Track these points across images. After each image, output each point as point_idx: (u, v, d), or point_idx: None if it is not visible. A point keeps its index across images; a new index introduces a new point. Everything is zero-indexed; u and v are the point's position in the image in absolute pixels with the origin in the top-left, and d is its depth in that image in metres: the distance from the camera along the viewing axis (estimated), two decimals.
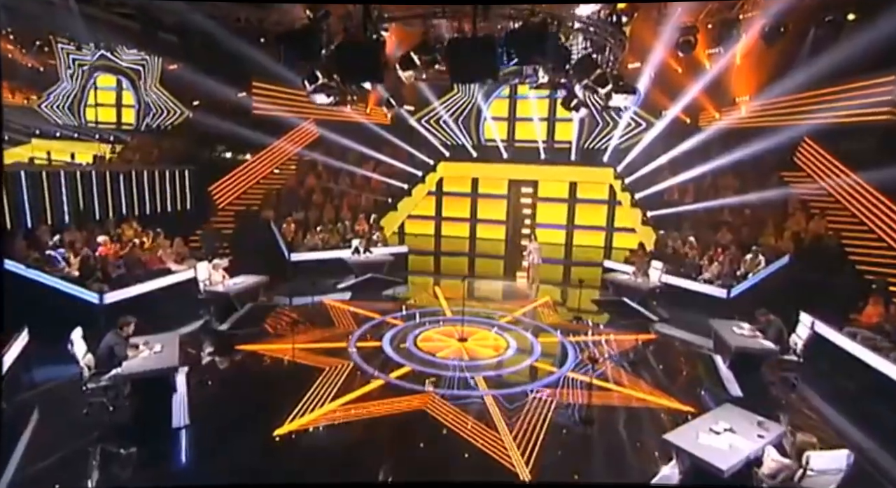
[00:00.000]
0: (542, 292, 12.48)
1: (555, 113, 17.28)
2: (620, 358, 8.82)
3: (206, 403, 6.80)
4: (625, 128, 16.08)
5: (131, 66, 19.05)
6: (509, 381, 7.84)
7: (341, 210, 14.91)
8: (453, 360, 8.39)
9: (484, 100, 17.48)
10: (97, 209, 12.41)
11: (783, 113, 13.45)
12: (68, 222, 11.39)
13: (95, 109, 19.95)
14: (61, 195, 11.79)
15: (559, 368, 8.25)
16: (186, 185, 14.92)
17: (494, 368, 8.27)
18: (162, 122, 18.84)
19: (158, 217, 13.49)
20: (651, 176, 14.54)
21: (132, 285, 9.65)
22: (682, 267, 11.62)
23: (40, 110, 20.01)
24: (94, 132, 19.12)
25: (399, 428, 6.55)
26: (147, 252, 10.65)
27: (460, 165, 16.95)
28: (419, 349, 8.78)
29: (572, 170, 16.17)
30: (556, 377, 7.95)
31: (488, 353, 8.78)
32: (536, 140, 16.73)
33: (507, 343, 9.17)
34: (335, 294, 11.83)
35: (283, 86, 16.39)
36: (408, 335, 9.33)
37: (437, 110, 17.61)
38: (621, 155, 15.59)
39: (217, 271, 9.98)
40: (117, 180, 13.09)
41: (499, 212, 16.86)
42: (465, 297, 10.04)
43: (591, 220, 16.10)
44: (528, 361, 8.54)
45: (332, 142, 16.58)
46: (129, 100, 19.45)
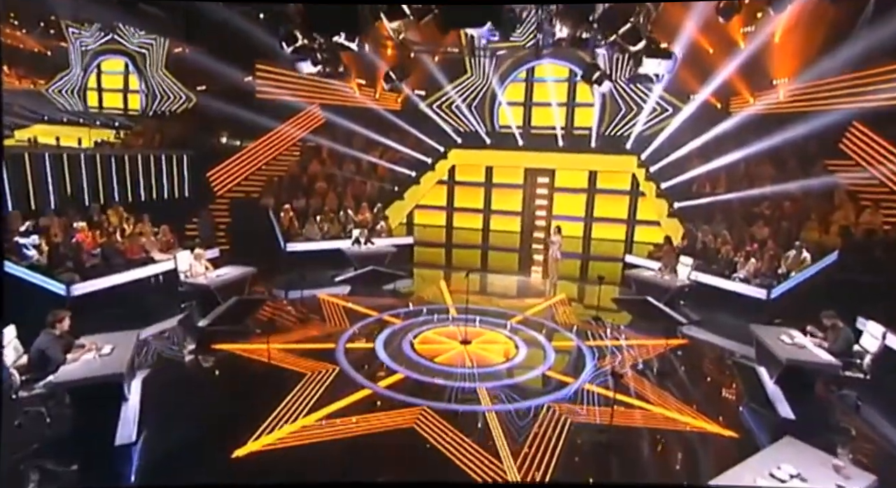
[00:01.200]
0: (562, 288, 11.20)
1: (574, 97, 15.95)
2: (645, 366, 7.55)
3: (162, 415, 5.71)
4: (650, 113, 14.65)
5: (137, 49, 18.19)
6: (516, 394, 6.63)
7: (344, 198, 13.79)
8: (460, 368, 7.21)
9: (499, 84, 16.17)
10: (86, 194, 11.51)
11: (828, 95, 11.92)
12: (54, 208, 10.51)
13: (101, 94, 19.22)
14: (46, 179, 10.90)
15: (575, 379, 7.02)
16: (184, 171, 13.99)
17: (499, 377, 7.06)
18: (167, 108, 17.97)
19: (153, 204, 12.56)
20: (678, 164, 13.13)
21: (107, 275, 8.68)
22: (715, 263, 10.25)
23: (48, 95, 19.32)
24: (98, 117, 18.37)
25: (379, 451, 5.41)
26: (129, 240, 9.64)
27: (473, 153, 15.72)
28: (416, 352, 7.63)
29: (592, 159, 14.81)
30: (571, 390, 6.72)
31: (494, 359, 7.58)
32: (554, 126, 15.39)
33: (516, 347, 7.97)
34: (334, 287, 10.73)
35: (287, 68, 15.44)
36: (405, 336, 8.18)
37: (449, 95, 16.37)
38: (646, 142, 14.19)
39: (199, 261, 8.94)
40: (109, 165, 12.17)
41: (514, 202, 15.59)
42: (469, 294, 8.85)
43: (610, 212, 14.76)
44: (539, 369, 7.31)
45: (337, 127, 15.47)
46: (135, 84, 18.64)
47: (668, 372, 7.45)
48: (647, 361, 7.72)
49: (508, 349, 7.88)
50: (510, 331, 8.51)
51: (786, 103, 12.81)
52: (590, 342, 8.30)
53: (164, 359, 7.32)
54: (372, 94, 16.91)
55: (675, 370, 7.62)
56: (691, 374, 7.57)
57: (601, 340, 8.45)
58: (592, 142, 15.10)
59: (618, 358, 7.72)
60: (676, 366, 7.74)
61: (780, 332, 6.86)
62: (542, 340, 8.27)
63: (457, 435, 5.58)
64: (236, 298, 8.94)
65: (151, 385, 6.14)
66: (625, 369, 7.17)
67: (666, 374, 7.35)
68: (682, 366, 7.77)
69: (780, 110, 12.74)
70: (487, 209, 16.04)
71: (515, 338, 8.24)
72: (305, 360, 7.24)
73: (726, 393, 7.08)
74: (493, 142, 15.85)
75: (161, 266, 9.40)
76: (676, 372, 7.58)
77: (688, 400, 6.55)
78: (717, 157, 12.55)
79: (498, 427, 5.78)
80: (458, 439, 5.52)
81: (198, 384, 6.75)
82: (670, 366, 7.73)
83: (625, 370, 7.12)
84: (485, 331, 8.49)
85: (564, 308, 10.05)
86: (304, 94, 15.63)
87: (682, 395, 6.68)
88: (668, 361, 7.86)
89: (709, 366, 7.99)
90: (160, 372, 6.62)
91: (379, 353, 7.56)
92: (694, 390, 7.03)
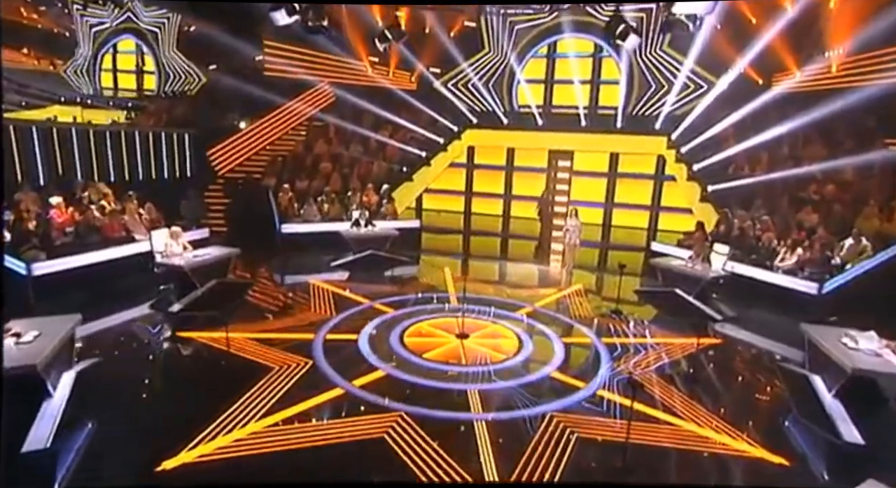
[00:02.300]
0: (576, 279, 9.96)
1: (599, 74, 14.53)
2: (671, 369, 6.29)
3: (90, 415, 4.76)
4: (681, 90, 13.15)
5: (149, 28, 17.48)
6: (513, 400, 5.47)
7: (350, 179, 12.75)
8: (476, 366, 6.09)
9: (518, 60, 14.86)
10: (78, 172, 10.76)
11: (891, 66, 10.26)
12: (43, 184, 9.78)
13: (116, 75, 18.63)
14: (34, 154, 10.17)
15: (587, 383, 5.81)
16: (186, 151, 13.17)
17: (494, 378, 5.91)
18: (179, 88, 17.24)
19: (152, 184, 11.77)
20: (713, 144, 11.65)
21: (79, 254, 7.84)
22: (754, 253, 8.85)
23: (65, 75, 18.82)
24: (111, 98, 17.80)
25: (336, 468, 4.34)
26: (108, 217, 8.79)
27: (489, 133, 14.50)
28: (405, 346, 6.53)
29: (617, 140, 13.42)
30: (581, 398, 5.52)
31: (493, 356, 6.42)
32: (577, 105, 14.00)
33: (519, 342, 6.79)
34: (331, 273, 9.72)
35: (296, 45, 14.50)
36: (394, 327, 7.09)
37: (465, 72, 15.14)
38: (676, 121, 12.71)
39: (176, 240, 8.01)
40: (104, 141, 11.39)
41: (535, 187, 14.26)
42: (479, 283, 7.74)
43: (633, 198, 13.36)
44: (545, 370, 6.13)
45: (346, 105, 14.44)
46: (150, 65, 17.97)
47: (698, 378, 6.17)
48: (673, 363, 6.46)
49: (511, 345, 6.72)
50: (517, 324, 7.34)
51: (839, 76, 11.18)
52: (608, 339, 7.06)
53: (115, 348, 6.38)
54: (385, 72, 15.88)
55: (707, 374, 6.34)
56: (726, 380, 6.28)
57: (621, 337, 7.20)
58: (618, 122, 13.69)
59: (637, 359, 6.47)
60: (708, 370, 6.45)
61: (840, 334, 5.50)
62: (550, 336, 7.07)
63: (435, 451, 4.47)
64: (216, 281, 7.97)
65: (89, 379, 5.19)
66: (646, 372, 5.94)
67: (696, 380, 6.08)
68: (716, 370, 6.47)
69: (830, 84, 11.14)
70: (508, 194, 14.81)
71: (520, 333, 7.06)
72: (277, 352, 6.23)
73: (770, 405, 5.77)
74: (511, 122, 14.59)
75: (141, 246, 8.52)
76: (708, 376, 6.29)
77: (722, 412, 5.29)
78: (756, 136, 11.02)
79: (487, 442, 4.64)
80: (436, 455, 4.41)
81: (145, 378, 5.76)
82: (701, 369, 6.45)
83: (646, 373, 5.88)
84: (488, 324, 7.34)
85: (580, 299, 8.81)
86: (314, 72, 14.69)
87: (715, 406, 5.43)
88: (699, 363, 6.57)
89: (747, 371, 6.67)
90: (104, 364, 5.65)
91: (362, 347, 6.50)
92: (730, 400, 5.75)
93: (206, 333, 6.61)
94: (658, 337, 7.25)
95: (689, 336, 7.17)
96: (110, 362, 5.82)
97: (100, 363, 5.58)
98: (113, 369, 5.72)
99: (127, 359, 6.16)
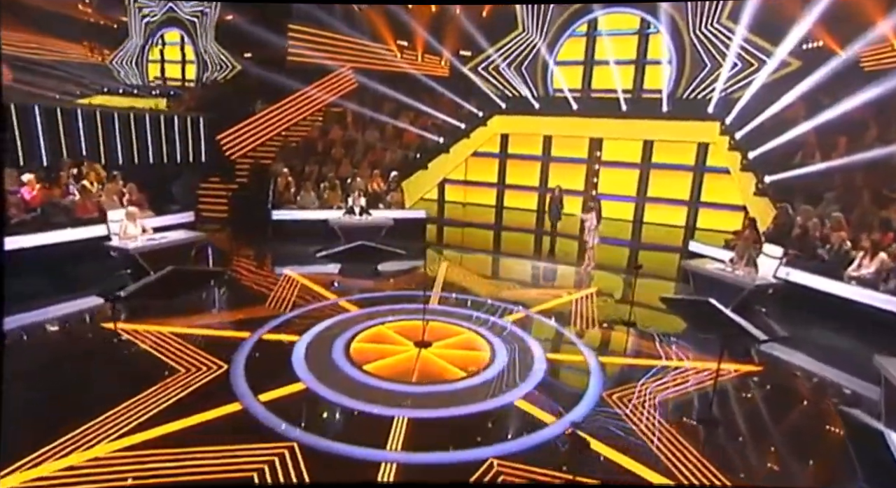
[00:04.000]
0: (598, 280, 8.29)
1: (645, 53, 12.60)
2: (693, 405, 4.61)
3: None
4: (741, 67, 11.05)
5: (189, 18, 17.36)
6: (449, 436, 4.03)
7: (360, 166, 11.65)
8: (422, 385, 4.74)
9: (555, 40, 13.23)
10: (82, 152, 10.31)
11: None
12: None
13: (163, 65, 18.72)
14: (37, 135, 9.78)
15: (560, 416, 4.27)
16: (200, 135, 12.60)
17: (442, 403, 4.48)
18: (216, 76, 16.98)
19: (161, 167, 11.25)
20: (775, 126, 9.52)
21: (33, 234, 7.16)
22: (819, 257, 6.85)
23: (112, 66, 19.09)
24: (157, 88, 17.82)
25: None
26: (83, 197, 8.13)
27: (519, 119, 12.96)
28: (347, 354, 5.24)
29: (662, 126, 11.48)
30: (544, 439, 4.00)
31: (449, 373, 4.99)
32: (618, 89, 12.15)
33: (491, 356, 5.32)
34: (321, 264, 8.62)
35: (321, 29, 13.72)
36: (349, 329, 5.82)
37: (498, 54, 13.68)
38: (732, 104, 10.62)
39: (133, 222, 7.17)
40: (111, 123, 10.93)
41: (575, 179, 12.52)
42: (481, 282, 6.37)
43: (669, 192, 11.42)
44: (508, 396, 4.62)
45: (367, 91, 13.41)
46: (191, 55, 17.90)
47: (720, 421, 4.45)
48: (701, 395, 4.75)
49: (481, 359, 5.26)
50: (502, 332, 5.86)
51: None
52: (608, 359, 5.44)
53: (32, 338, 5.54)
54: (414, 57, 14.74)
55: (735, 417, 4.59)
56: (762, 426, 4.51)
57: (626, 356, 5.55)
58: (664, 106, 11.73)
59: (641, 387, 4.81)
60: (737, 410, 4.70)
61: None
62: (534, 350, 5.53)
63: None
64: (171, 268, 7.04)
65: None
66: (647, 406, 4.30)
67: (715, 424, 4.37)
68: (748, 410, 4.71)
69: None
70: (543, 186, 13.18)
71: (498, 344, 5.58)
72: (198, 351, 5.14)
73: (824, 471, 3.99)
74: (544, 107, 12.96)
75: (103, 228, 7.74)
76: (735, 420, 4.55)
77: (759, 474, 3.62)
78: (833, 116, 8.83)
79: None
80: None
81: (24, 374, 4.78)
82: (728, 408, 4.71)
83: (646, 407, 4.25)
84: (464, 331, 5.92)
85: (590, 305, 7.14)
86: (338, 57, 13.83)
87: (740, 466, 3.75)
88: (727, 399, 4.83)
89: (796, 415, 4.84)
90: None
91: (297, 350, 5.28)
92: (764, 458, 4.02)
93: (139, 325, 5.65)
94: (676, 359, 5.53)
95: (721, 359, 5.40)
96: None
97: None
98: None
99: (26, 349, 5.27)
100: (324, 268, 8.53)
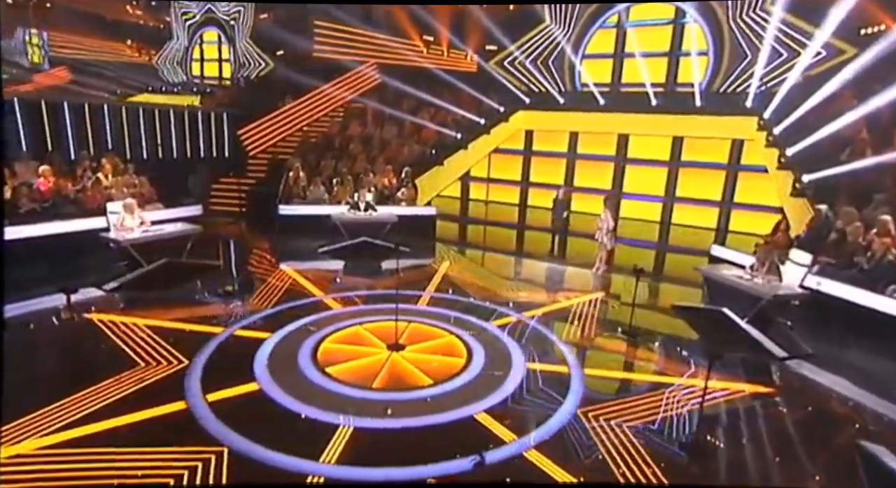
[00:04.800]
0: (610, 283, 7.70)
1: (680, 44, 11.76)
2: (693, 430, 4.05)
3: None
4: (785, 57, 10.10)
5: (226, 18, 17.80)
6: (391, 450, 3.68)
7: (376, 161, 11.44)
8: (381, 392, 4.44)
9: (583, 32, 12.60)
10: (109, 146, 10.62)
11: None
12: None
13: (203, 64, 19.28)
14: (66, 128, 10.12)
15: (522, 435, 3.82)
16: (224, 131, 12.78)
17: (388, 413, 4.13)
18: (250, 74, 17.33)
19: (186, 161, 11.47)
20: (819, 120, 8.58)
21: (40, 223, 7.30)
22: (856, 266, 6.03)
23: (157, 66, 19.79)
24: (196, 86, 18.36)
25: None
26: (93, 189, 8.28)
27: (543, 115, 12.40)
28: (313, 354, 4.97)
29: (695, 121, 10.66)
30: (499, 458, 3.57)
31: (416, 380, 4.63)
32: (649, 83, 11.39)
33: (466, 363, 4.91)
34: (324, 261, 8.46)
35: (346, 25, 13.69)
36: (324, 328, 5.57)
37: (523, 48, 13.18)
38: (772, 98, 9.70)
39: (131, 213, 7.19)
40: (136, 119, 11.20)
41: (601, 177, 11.87)
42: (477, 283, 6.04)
43: (700, 192, 10.60)
44: (468, 409, 4.20)
45: (388, 87, 13.23)
46: (227, 54, 18.37)
47: (733, 453, 3.87)
48: (706, 419, 4.17)
49: (453, 366, 4.87)
50: (484, 336, 5.45)
51: None
52: (594, 370, 4.93)
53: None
54: (440, 54, 14.47)
55: (737, 446, 3.99)
56: (772, 461, 3.89)
57: (615, 369, 5.02)
58: (697, 101, 10.89)
59: (627, 404, 4.28)
60: (732, 438, 4.09)
61: None
62: (513, 357, 5.07)
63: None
64: (164, 261, 7.04)
65: None
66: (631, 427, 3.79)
67: (704, 453, 3.80)
68: (755, 441, 4.09)
69: None
70: (569, 185, 12.55)
71: (478, 350, 5.17)
72: (165, 345, 5.01)
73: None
74: (569, 102, 12.35)
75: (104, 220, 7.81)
76: (737, 450, 3.95)
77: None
78: (886, 109, 7.85)
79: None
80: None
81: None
82: (731, 436, 4.11)
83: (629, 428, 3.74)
84: (445, 334, 5.54)
85: (593, 311, 6.59)
86: (363, 53, 13.75)
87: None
88: (728, 425, 4.22)
89: (816, 447, 4.17)
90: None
91: (265, 348, 5.06)
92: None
93: (118, 317, 5.61)
94: (674, 375, 4.93)
95: (730, 378, 4.79)
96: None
97: None
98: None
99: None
100: (322, 264, 8.34)
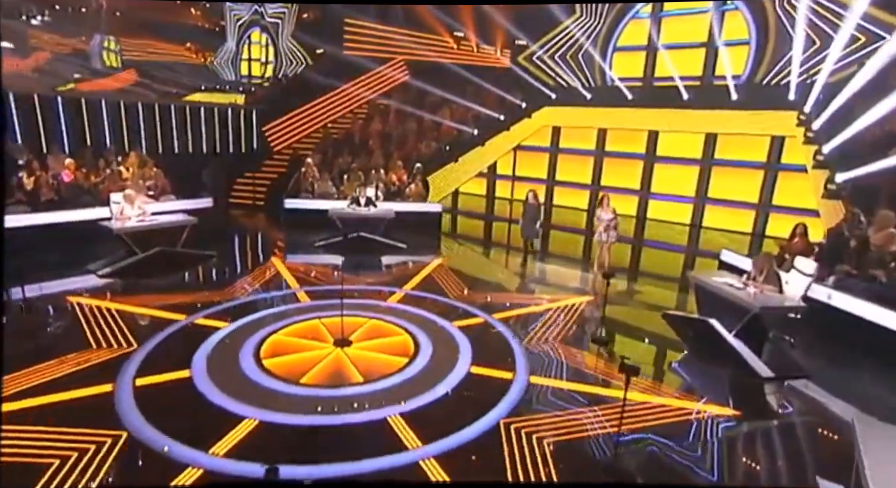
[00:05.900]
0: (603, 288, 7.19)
1: (719, 34, 10.88)
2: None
3: None
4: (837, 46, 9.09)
5: (272, 20, 18.53)
6: (304, 447, 3.56)
7: (391, 158, 11.42)
8: (314, 388, 4.38)
9: (614, 24, 11.99)
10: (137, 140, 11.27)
11: None
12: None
13: (250, 64, 20.11)
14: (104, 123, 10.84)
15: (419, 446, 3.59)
16: (252, 126, 13.24)
17: (325, 409, 4.01)
18: (291, 71, 17.93)
19: (209, 155, 11.99)
20: (857, 110, 7.62)
21: (55, 211, 7.81)
22: (874, 278, 5.27)
23: (212, 67, 20.83)
24: (241, 85, 19.20)
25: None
26: (108, 180, 8.78)
27: (569, 111, 11.88)
28: (255, 348, 4.95)
29: (733, 117, 9.85)
30: (412, 459, 3.36)
31: (350, 377, 4.49)
32: (675, 76, 10.63)
33: (409, 362, 4.71)
34: (323, 255, 8.53)
35: (375, 22, 13.85)
36: (281, 320, 5.55)
37: (552, 43, 12.74)
38: (810, 90, 8.76)
39: (130, 203, 7.52)
40: (166, 113, 11.81)
41: (630, 177, 11.27)
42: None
43: (734, 193, 9.74)
44: (390, 409, 4.01)
45: (412, 85, 13.22)
46: (271, 53, 19.10)
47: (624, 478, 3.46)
48: (615, 440, 3.76)
49: (393, 364, 4.69)
50: (440, 337, 5.22)
51: None
52: (541, 379, 4.58)
53: None
54: (471, 49, 14.31)
55: (647, 475, 3.55)
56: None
57: (564, 380, 4.63)
58: (733, 95, 10.03)
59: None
60: (656, 467, 3.63)
61: None
62: (463, 360, 4.81)
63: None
64: (158, 250, 7.32)
65: None
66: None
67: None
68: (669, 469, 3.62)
69: None
70: (596, 184, 12.00)
71: (428, 351, 4.96)
72: (124, 329, 5.18)
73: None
74: (596, 97, 11.75)
75: None
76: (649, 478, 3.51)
77: None
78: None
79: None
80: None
81: None
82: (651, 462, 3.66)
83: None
84: (401, 333, 5.37)
85: (569, 317, 6.16)
86: (396, 50, 13.85)
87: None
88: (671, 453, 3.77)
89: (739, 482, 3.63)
90: None
91: (215, 338, 5.10)
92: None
93: (93, 301, 5.88)
94: (623, 389, 4.48)
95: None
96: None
97: None
98: None
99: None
100: (316, 258, 8.39)
